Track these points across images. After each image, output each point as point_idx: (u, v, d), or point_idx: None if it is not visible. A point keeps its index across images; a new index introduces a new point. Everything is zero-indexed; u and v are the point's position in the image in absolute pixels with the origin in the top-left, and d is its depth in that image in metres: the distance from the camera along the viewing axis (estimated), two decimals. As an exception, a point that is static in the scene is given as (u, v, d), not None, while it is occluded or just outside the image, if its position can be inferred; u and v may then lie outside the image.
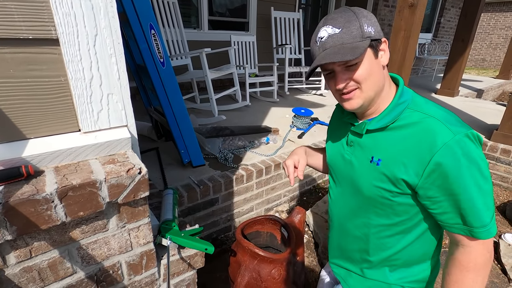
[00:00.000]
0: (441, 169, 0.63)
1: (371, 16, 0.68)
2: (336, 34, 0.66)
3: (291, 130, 2.65)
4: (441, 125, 0.65)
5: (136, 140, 0.82)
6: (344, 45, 0.65)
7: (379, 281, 0.86)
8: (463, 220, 0.65)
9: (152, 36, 1.52)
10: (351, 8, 0.68)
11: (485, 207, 0.64)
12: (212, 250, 0.90)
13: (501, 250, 1.75)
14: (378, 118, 0.73)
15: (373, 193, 0.75)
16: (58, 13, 0.62)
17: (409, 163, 0.67)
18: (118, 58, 0.73)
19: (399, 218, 0.76)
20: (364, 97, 0.71)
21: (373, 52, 0.67)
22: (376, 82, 0.70)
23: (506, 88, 6.86)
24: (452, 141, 0.62)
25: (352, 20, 0.65)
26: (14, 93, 0.63)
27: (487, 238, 0.64)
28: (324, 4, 5.58)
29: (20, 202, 0.57)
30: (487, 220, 0.64)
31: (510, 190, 2.52)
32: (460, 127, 0.64)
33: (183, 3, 3.74)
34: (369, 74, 0.68)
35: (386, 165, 0.71)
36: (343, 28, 0.65)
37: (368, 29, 0.65)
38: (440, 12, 7.02)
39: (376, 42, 0.67)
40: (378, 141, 0.74)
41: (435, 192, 0.66)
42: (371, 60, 0.67)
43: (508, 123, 2.52)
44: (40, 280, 0.68)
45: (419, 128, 0.67)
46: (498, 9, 11.74)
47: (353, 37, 0.65)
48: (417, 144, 0.66)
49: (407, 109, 0.71)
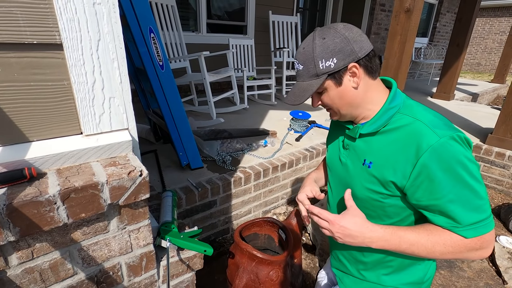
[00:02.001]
0: (427, 171, 0.65)
1: (332, 43, 0.68)
2: (300, 71, 0.75)
3: (289, 133, 2.67)
4: (427, 128, 0.67)
5: (137, 143, 0.84)
6: (302, 83, 0.74)
7: (375, 283, 0.87)
8: (449, 219, 0.66)
9: (151, 39, 1.54)
10: (314, 37, 0.71)
11: (471, 207, 0.64)
12: (211, 251, 0.91)
13: (495, 252, 1.78)
14: (370, 122, 0.76)
15: (365, 195, 0.78)
16: (62, 19, 0.64)
17: (397, 166, 0.70)
18: (120, 62, 0.74)
19: (391, 220, 0.78)
20: (339, 115, 0.79)
21: (335, 83, 0.72)
22: (345, 104, 0.75)
23: (501, 92, 6.95)
24: (437, 144, 0.64)
25: (309, 58, 0.71)
26: (18, 97, 0.65)
27: (471, 236, 0.65)
28: (321, 8, 5.63)
29: (24, 203, 0.58)
30: (471, 220, 0.64)
31: (505, 193, 2.55)
32: (446, 130, 0.66)
33: (181, 6, 3.77)
34: (333, 101, 0.75)
35: (377, 168, 0.74)
36: (303, 65, 0.73)
37: (326, 64, 0.69)
38: (435, 17, 7.12)
39: (339, 73, 0.70)
40: (370, 145, 0.77)
41: (422, 193, 0.68)
42: (333, 90, 0.73)
43: (502, 126, 2.55)
44: (41, 281, 0.69)
45: (407, 131, 0.69)
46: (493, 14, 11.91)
47: (310, 76, 0.72)
48: (405, 147, 0.69)
49: (398, 113, 0.73)
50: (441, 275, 1.64)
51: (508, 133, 2.52)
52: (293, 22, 4.33)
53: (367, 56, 0.70)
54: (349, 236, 0.69)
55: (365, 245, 0.70)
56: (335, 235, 0.71)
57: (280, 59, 4.01)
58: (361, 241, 0.69)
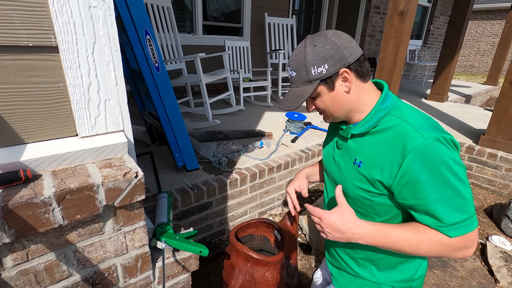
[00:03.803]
0: (411, 171, 0.67)
1: (323, 49, 0.70)
2: (293, 78, 0.77)
3: (284, 135, 2.68)
4: (413, 130, 0.68)
5: (133, 144, 0.84)
6: (296, 89, 0.77)
7: (368, 281, 0.89)
8: (433, 218, 0.68)
9: (147, 41, 1.54)
10: (306, 45, 0.73)
11: (454, 207, 0.66)
12: (206, 252, 0.92)
13: (488, 251, 1.81)
14: (361, 123, 0.78)
15: (355, 193, 0.80)
16: (58, 22, 0.64)
17: (384, 165, 0.72)
18: (116, 64, 0.75)
19: (380, 218, 0.80)
20: (332, 118, 0.82)
21: (327, 87, 0.74)
22: (338, 107, 0.77)
23: (494, 94, 7.05)
24: (422, 145, 0.66)
25: (301, 65, 0.73)
26: (14, 99, 0.65)
27: (454, 236, 0.67)
28: (317, 10, 5.68)
29: (19, 205, 0.59)
30: (454, 220, 0.66)
31: (497, 193, 2.59)
32: (431, 131, 0.67)
33: (177, 8, 3.77)
34: (327, 106, 0.78)
35: (366, 167, 0.76)
36: (296, 72, 0.75)
37: (318, 71, 0.71)
38: (429, 20, 7.21)
39: (331, 78, 0.73)
40: (361, 145, 0.79)
41: (407, 193, 0.70)
42: (326, 94, 0.76)
43: (494, 128, 2.59)
44: (36, 283, 0.69)
45: (395, 132, 0.72)
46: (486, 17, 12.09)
47: (303, 82, 0.75)
48: (392, 148, 0.71)
49: (388, 115, 0.75)
50: (435, 275, 1.66)
51: (500, 134, 2.56)
52: (289, 24, 4.35)
53: (357, 61, 0.72)
54: (338, 231, 0.72)
55: (354, 241, 0.72)
56: (324, 230, 0.73)
57: (276, 60, 4.03)
58: (350, 237, 0.72)
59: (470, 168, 2.71)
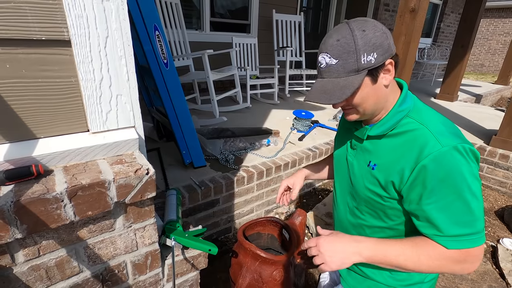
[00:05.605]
0: (422, 177, 0.64)
1: (374, 36, 0.63)
2: (332, 66, 0.65)
3: (291, 133, 2.66)
4: (431, 136, 0.65)
5: (143, 141, 0.83)
6: (337, 80, 0.66)
7: (378, 282, 0.87)
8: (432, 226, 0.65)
9: (156, 37, 1.53)
10: (352, 29, 0.63)
11: (457, 221, 0.63)
12: (215, 251, 0.91)
13: (499, 254, 1.77)
14: (378, 124, 0.75)
15: (365, 195, 0.78)
16: (70, 15, 0.63)
17: (399, 170, 0.69)
18: (128, 59, 0.74)
19: (391, 222, 0.78)
20: (361, 115, 0.73)
21: (371, 80, 0.66)
22: (373, 104, 0.70)
23: (505, 94, 6.92)
24: (437, 152, 0.62)
25: (349, 51, 0.63)
26: (26, 93, 0.64)
27: (452, 248, 0.63)
28: (325, 8, 5.61)
29: (31, 201, 0.58)
30: (454, 232, 0.63)
31: (509, 195, 2.54)
32: (450, 139, 0.64)
33: (185, 4, 3.75)
34: (365, 100, 0.69)
35: (380, 171, 0.73)
36: (340, 59, 0.64)
37: (367, 59, 0.63)
38: (440, 17, 7.08)
39: (377, 69, 0.65)
40: (377, 147, 0.76)
41: (414, 197, 0.67)
42: (368, 87, 0.67)
43: (507, 128, 2.54)
44: (47, 278, 0.68)
45: (412, 137, 0.68)
46: (497, 15, 11.84)
47: (348, 71, 0.64)
48: (408, 153, 0.68)
49: (407, 117, 0.72)
50: (445, 277, 1.63)
51: (513, 135, 2.50)
52: (297, 21, 4.31)
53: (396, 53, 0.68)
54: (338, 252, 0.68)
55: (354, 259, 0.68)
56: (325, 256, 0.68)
57: (283, 58, 3.99)
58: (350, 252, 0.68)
59: (481, 169, 2.66)
